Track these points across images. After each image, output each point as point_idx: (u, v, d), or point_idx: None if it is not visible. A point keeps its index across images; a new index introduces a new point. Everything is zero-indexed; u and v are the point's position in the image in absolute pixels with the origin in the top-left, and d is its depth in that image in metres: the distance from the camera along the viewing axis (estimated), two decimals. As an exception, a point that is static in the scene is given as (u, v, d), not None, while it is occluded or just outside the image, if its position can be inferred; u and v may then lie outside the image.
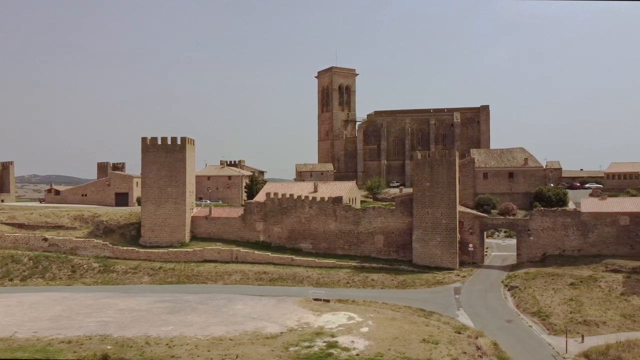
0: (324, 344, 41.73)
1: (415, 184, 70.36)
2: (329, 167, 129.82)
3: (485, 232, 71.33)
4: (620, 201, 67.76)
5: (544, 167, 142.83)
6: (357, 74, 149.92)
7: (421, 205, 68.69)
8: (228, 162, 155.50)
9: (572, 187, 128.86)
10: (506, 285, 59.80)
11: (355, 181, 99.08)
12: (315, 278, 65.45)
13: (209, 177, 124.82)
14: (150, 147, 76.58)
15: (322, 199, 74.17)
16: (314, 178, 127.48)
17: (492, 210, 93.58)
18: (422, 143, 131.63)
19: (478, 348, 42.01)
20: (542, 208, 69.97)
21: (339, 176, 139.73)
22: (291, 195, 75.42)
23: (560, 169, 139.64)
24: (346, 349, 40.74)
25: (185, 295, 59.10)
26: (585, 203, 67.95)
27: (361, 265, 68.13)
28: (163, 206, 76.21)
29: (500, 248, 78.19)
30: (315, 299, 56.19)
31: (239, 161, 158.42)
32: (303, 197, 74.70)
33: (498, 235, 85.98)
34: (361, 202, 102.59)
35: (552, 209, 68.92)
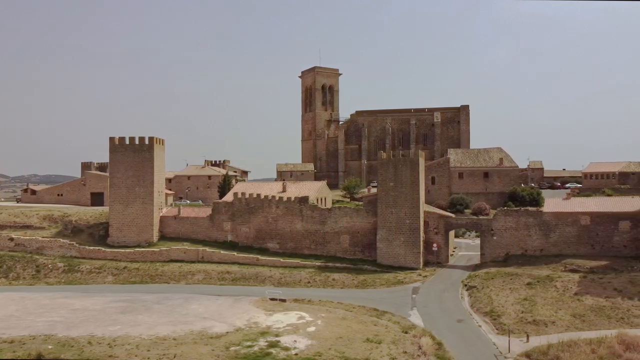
0: (266, 343, 41.78)
1: (379, 184, 70.45)
2: (310, 167, 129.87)
3: (450, 232, 71.32)
4: (583, 201, 67.87)
5: (527, 166, 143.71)
6: (340, 74, 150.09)
7: (385, 205, 68.73)
8: (213, 162, 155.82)
9: (553, 187, 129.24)
10: (465, 285, 59.84)
11: (325, 181, 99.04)
12: (278, 278, 65.47)
13: (189, 177, 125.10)
14: (118, 147, 76.54)
15: (289, 198, 74.20)
16: (294, 178, 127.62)
17: (465, 210, 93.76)
18: (403, 143, 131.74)
19: (419, 347, 42.07)
20: (506, 208, 70.01)
21: (321, 176, 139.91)
22: (258, 195, 75.45)
23: (542, 169, 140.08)
24: (286, 349, 40.80)
25: (143, 295, 59.13)
26: (548, 203, 68.09)
27: (325, 265, 68.17)
28: (131, 206, 76.17)
29: (469, 248, 78.28)
30: (272, 299, 56.27)
31: (224, 161, 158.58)
32: (270, 197, 74.72)
33: (469, 235, 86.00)
34: (339, 202, 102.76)
35: (515, 208, 68.96)
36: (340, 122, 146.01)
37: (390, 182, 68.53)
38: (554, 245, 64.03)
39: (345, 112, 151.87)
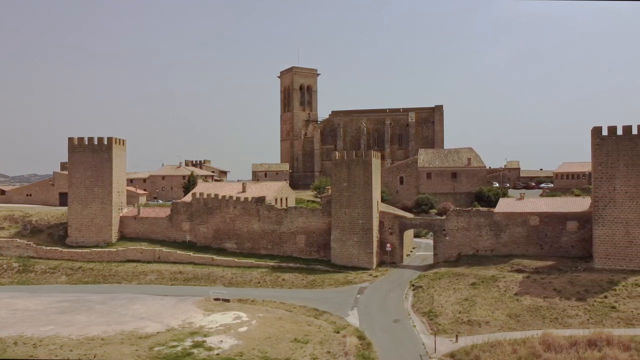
0: (191, 343, 41.91)
1: (333, 185, 70.55)
2: (285, 166, 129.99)
3: (405, 232, 71.38)
4: (534, 201, 68.00)
5: (504, 166, 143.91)
6: (318, 74, 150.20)
7: (339, 206, 68.85)
8: (193, 162, 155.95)
9: (528, 187, 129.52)
10: (412, 285, 59.96)
11: (287, 181, 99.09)
12: (229, 278, 65.57)
13: (163, 177, 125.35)
14: (77, 147, 76.58)
15: (246, 199, 74.29)
16: (269, 178, 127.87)
17: (430, 210, 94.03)
18: (378, 143, 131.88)
19: (344, 347, 42.17)
20: (458, 208, 70.14)
21: (297, 176, 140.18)
22: (216, 195, 75.53)
23: (518, 169, 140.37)
24: (210, 349, 40.92)
25: (90, 295, 59.23)
26: (501, 203, 68.21)
27: (278, 265, 68.27)
28: (89, 206, 76.22)
29: (427, 248, 78.26)
30: (216, 299, 56.37)
31: (203, 161, 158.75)
32: (227, 197, 74.80)
33: (430, 235, 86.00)
34: (310, 202, 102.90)
35: (467, 209, 69.06)
36: (319, 122, 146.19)
37: (343, 183, 68.64)
38: (504, 246, 64.17)
39: (326, 112, 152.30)
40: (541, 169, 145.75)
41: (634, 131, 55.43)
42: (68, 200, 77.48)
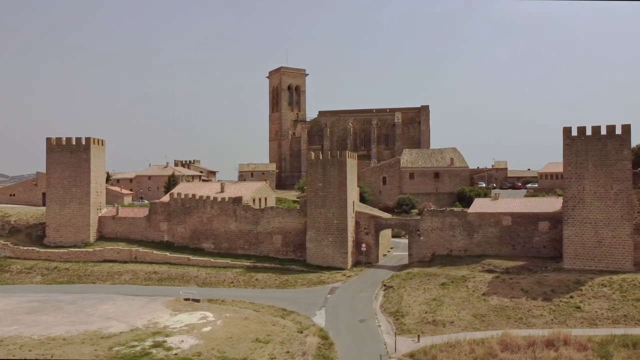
0: (152, 343, 41.97)
1: (308, 185, 70.63)
2: (271, 166, 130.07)
3: (381, 232, 71.50)
4: (508, 202, 68.13)
5: (491, 166, 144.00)
6: (307, 74, 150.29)
7: (314, 206, 68.94)
8: (182, 162, 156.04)
9: (514, 187, 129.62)
10: (384, 285, 60.06)
11: (266, 181, 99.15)
12: (203, 278, 65.65)
13: (149, 177, 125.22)
14: (55, 148, 76.63)
15: (223, 199, 74.37)
16: (255, 178, 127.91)
17: (412, 210, 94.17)
18: (365, 143, 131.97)
19: (303, 347, 42.27)
20: (433, 209, 70.23)
21: (285, 176, 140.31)
22: (194, 195, 75.61)
23: (506, 169, 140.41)
24: (169, 349, 41.00)
25: (62, 295, 59.31)
26: (475, 204, 68.34)
27: (254, 265, 68.36)
28: (67, 206, 76.28)
29: (405, 248, 78.07)
30: (186, 299, 56.48)
31: (193, 161, 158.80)
32: (205, 198, 74.90)
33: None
34: (295, 202, 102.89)
35: (441, 209, 69.17)
36: (306, 122, 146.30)
37: (319, 183, 68.74)
38: (477, 246, 64.31)
39: (316, 112, 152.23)
40: (529, 169, 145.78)
41: (603, 131, 55.59)
42: (46, 200, 77.49)
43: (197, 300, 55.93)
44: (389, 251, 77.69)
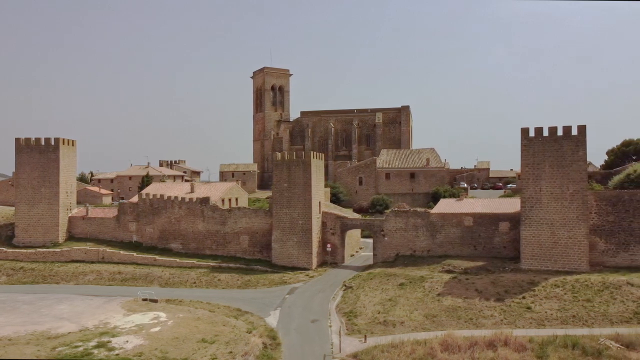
0: (95, 344, 42.05)
1: (274, 185, 70.75)
2: (253, 167, 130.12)
3: (347, 232, 71.61)
4: (472, 202, 68.26)
5: (474, 167, 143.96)
6: (291, 74, 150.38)
7: (280, 206, 69.06)
8: (167, 162, 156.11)
9: (495, 187, 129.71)
10: (344, 285, 60.18)
11: (238, 182, 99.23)
12: (167, 278, 65.76)
13: (130, 177, 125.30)
14: (24, 148, 76.69)
15: (191, 199, 74.47)
16: (236, 178, 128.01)
17: (385, 210, 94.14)
18: (346, 143, 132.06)
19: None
20: (396, 209, 70.33)
21: (268, 176, 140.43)
22: (162, 195, 75.70)
23: (488, 169, 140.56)
24: (111, 349, 41.09)
25: (21, 296, 59.37)
26: (439, 204, 68.48)
27: (219, 266, 68.49)
28: (36, 206, 76.35)
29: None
30: (144, 299, 56.57)
31: (178, 161, 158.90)
32: (173, 198, 75.00)
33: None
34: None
35: (405, 209, 69.29)
36: (289, 122, 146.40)
37: (284, 183, 68.85)
38: (439, 246, 64.43)
39: (299, 112, 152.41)
40: (512, 169, 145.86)
41: (559, 132, 55.72)
42: (15, 200, 77.59)
43: (155, 301, 56.03)
44: (357, 251, 77.85)
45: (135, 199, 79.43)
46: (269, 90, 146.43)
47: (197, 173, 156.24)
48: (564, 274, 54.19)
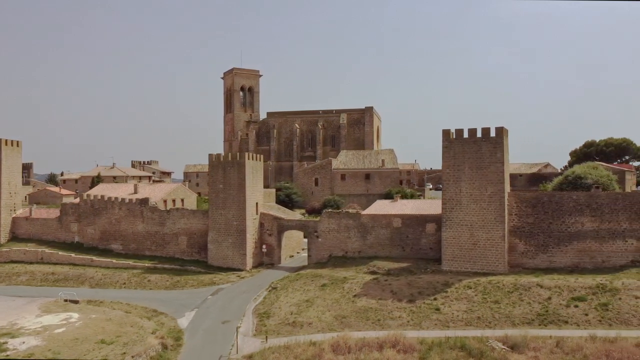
0: (-8, 345, 42.20)
1: (210, 186, 70.90)
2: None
3: (284, 233, 71.78)
4: (404, 204, 68.49)
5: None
6: (260, 75, 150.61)
7: (215, 207, 69.22)
8: (141, 163, 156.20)
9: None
10: (270, 287, 60.32)
11: (184, 182, 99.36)
12: (98, 279, 65.87)
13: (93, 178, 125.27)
14: (-33, 149, 76.79)
15: (130, 200, 74.60)
16: (200, 178, 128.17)
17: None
18: (311, 144, 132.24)
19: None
20: (330, 210, 70.49)
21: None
22: (102, 196, 75.82)
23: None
24: (4, 350, 41.24)
25: (-54, 297, 59.46)
26: (373, 206, 68.67)
27: (154, 266, 68.63)
28: (-22, 207, 76.43)
29: (317, 249, 78.59)
30: (66, 300, 56.69)
31: (149, 161, 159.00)
32: (113, 199, 75.12)
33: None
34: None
35: (337, 211, 69.46)
36: (256, 123, 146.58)
37: (219, 184, 69.01)
38: (370, 247, 64.62)
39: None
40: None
41: (479, 134, 55.95)
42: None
43: (76, 302, 56.15)
44: (298, 252, 77.99)
45: (77, 200, 79.56)
46: (238, 91, 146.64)
47: (168, 174, 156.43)
48: (484, 275, 54.40)
